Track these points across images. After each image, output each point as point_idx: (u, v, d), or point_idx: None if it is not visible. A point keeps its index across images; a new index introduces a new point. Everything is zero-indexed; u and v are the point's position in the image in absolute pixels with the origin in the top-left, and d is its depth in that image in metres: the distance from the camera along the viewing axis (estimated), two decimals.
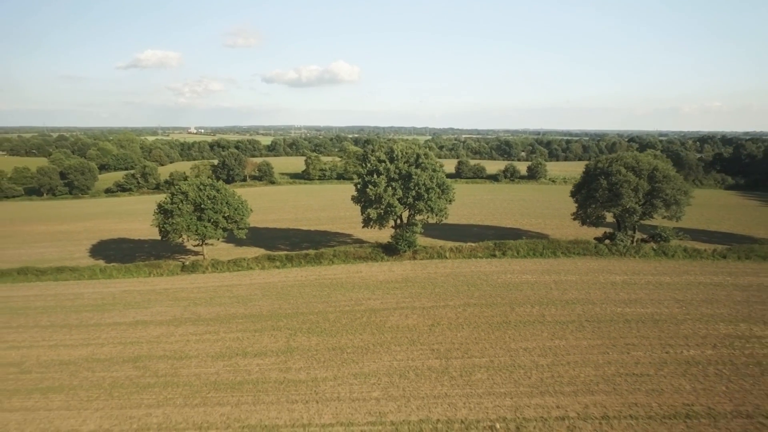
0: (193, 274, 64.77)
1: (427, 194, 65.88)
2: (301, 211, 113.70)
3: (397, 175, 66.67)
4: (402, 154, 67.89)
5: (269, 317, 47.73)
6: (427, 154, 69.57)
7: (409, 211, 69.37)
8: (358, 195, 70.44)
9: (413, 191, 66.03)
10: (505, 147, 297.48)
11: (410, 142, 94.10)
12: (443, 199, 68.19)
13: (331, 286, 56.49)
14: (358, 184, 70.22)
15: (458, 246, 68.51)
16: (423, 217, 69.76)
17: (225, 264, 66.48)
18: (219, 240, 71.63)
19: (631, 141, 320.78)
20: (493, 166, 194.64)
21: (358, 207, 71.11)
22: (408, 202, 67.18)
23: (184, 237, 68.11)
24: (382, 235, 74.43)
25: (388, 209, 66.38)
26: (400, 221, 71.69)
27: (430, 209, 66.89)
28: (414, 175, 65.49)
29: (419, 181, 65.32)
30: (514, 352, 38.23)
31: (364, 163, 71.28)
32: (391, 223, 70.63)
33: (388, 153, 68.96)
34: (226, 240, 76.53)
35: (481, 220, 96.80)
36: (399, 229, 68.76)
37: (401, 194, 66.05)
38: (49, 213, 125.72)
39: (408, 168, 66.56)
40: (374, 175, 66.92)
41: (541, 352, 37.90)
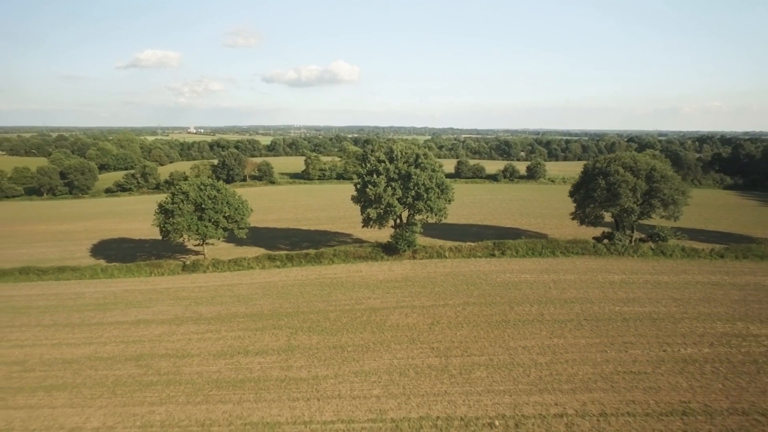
0: (194, 273, 65.10)
1: (426, 194, 66.24)
2: (301, 210, 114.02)
3: (396, 175, 67.03)
4: (401, 154, 68.26)
5: (270, 316, 48.07)
6: (427, 154, 69.96)
7: (408, 210, 69.73)
8: (357, 195, 70.81)
9: (413, 191, 66.39)
10: (504, 147, 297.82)
11: (410, 142, 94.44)
12: (442, 199, 68.57)
13: (331, 285, 56.83)
14: (357, 184, 70.60)
15: (458, 245, 68.87)
16: (422, 217, 70.13)
17: (226, 263, 66.83)
18: (219, 240, 71.96)
19: (630, 141, 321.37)
20: (492, 166, 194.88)
21: (358, 207, 71.48)
22: (407, 202, 67.54)
23: (185, 237, 68.48)
24: (382, 235, 74.77)
25: (387, 209, 66.75)
26: (399, 221, 72.05)
27: (430, 209, 67.26)
28: (413, 175, 65.85)
29: (419, 181, 65.68)
30: (513, 350, 38.60)
31: (364, 163, 71.67)
32: (391, 222, 71.00)
33: (387, 153, 69.32)
34: (227, 240, 76.83)
35: (481, 219, 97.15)
36: (399, 229, 69.11)
37: (401, 194, 66.41)
38: (49, 213, 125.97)
39: (407, 168, 66.91)
40: (374, 175, 67.28)
41: (539, 351, 38.28)
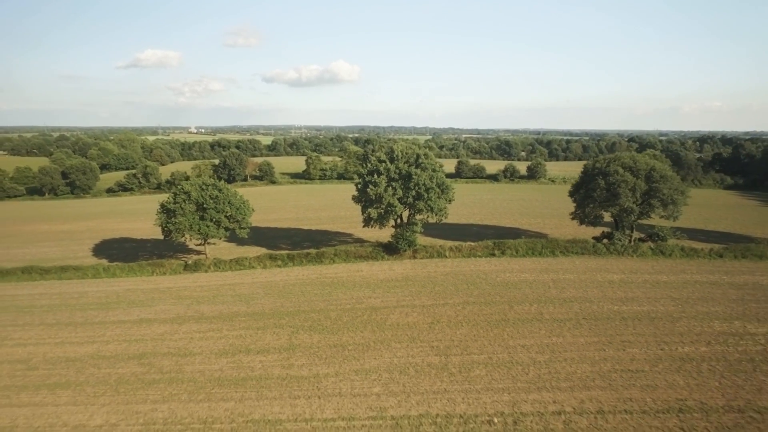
0: (196, 273, 65.48)
1: (426, 194, 66.56)
2: (302, 210, 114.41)
3: (397, 175, 67.36)
4: (402, 155, 68.59)
5: (271, 315, 48.44)
6: (427, 154, 70.29)
7: (409, 210, 70.06)
8: (358, 195, 71.17)
9: (413, 191, 66.72)
10: (505, 147, 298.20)
11: (410, 142, 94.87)
12: (443, 199, 68.89)
13: (332, 284, 57.19)
14: (358, 184, 70.96)
15: (458, 245, 69.21)
16: (423, 217, 70.44)
17: (227, 263, 67.21)
18: (221, 239, 72.34)
19: (631, 141, 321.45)
20: (492, 166, 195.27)
21: (359, 207, 71.85)
22: (408, 202, 67.87)
23: (187, 236, 68.90)
24: (383, 235, 75.11)
25: (388, 209, 67.08)
26: (400, 221, 72.38)
27: (430, 209, 67.58)
28: (414, 175, 66.18)
29: (419, 181, 66.01)
30: (512, 349, 38.94)
31: (365, 163, 72.02)
32: (392, 222, 71.32)
33: (388, 153, 69.65)
34: (228, 239, 77.18)
35: (481, 219, 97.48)
36: (399, 229, 69.42)
37: (401, 194, 66.74)
38: (51, 213, 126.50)
39: (408, 168, 67.25)
40: (375, 175, 67.61)
41: (538, 349, 38.60)
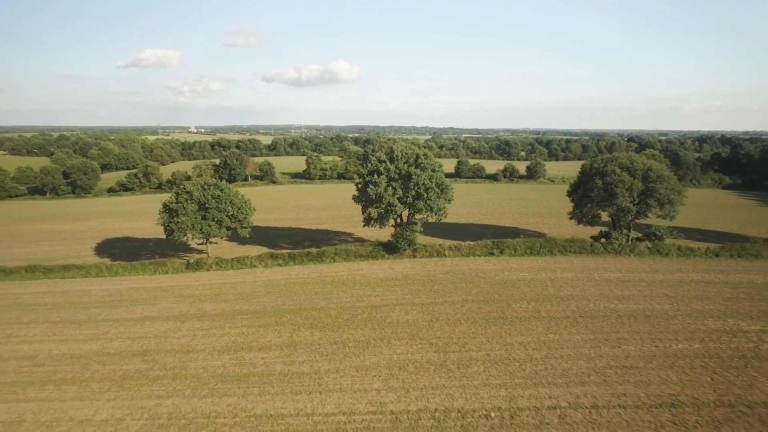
0: (198, 271, 66.16)
1: (426, 194, 67.23)
2: (303, 210, 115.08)
3: (397, 175, 68.04)
4: (402, 155, 69.26)
5: (273, 313, 49.14)
6: (427, 154, 70.95)
7: (408, 210, 70.73)
8: (359, 194, 71.87)
9: (413, 191, 67.40)
10: (504, 147, 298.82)
11: (410, 142, 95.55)
12: (442, 199, 69.57)
13: (332, 283, 57.88)
14: (358, 183, 71.65)
15: (457, 244, 69.91)
16: (423, 216, 71.10)
17: (229, 262, 67.90)
18: (223, 238, 73.06)
19: (630, 141, 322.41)
20: (492, 166, 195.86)
21: (359, 206, 72.54)
22: (408, 202, 68.55)
23: (189, 235, 69.64)
24: (383, 234, 75.78)
25: (388, 208, 67.76)
26: (400, 220, 73.06)
27: (430, 208, 68.25)
28: (414, 175, 66.85)
29: (419, 181, 66.68)
30: (510, 346, 39.64)
31: (365, 163, 72.69)
32: (392, 222, 71.99)
33: (388, 153, 70.32)
34: (230, 239, 77.95)
35: (480, 219, 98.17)
36: (399, 228, 70.11)
37: (401, 194, 67.42)
38: (53, 212, 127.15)
39: (408, 168, 67.92)
40: (375, 175, 68.29)
41: (535, 346, 39.31)
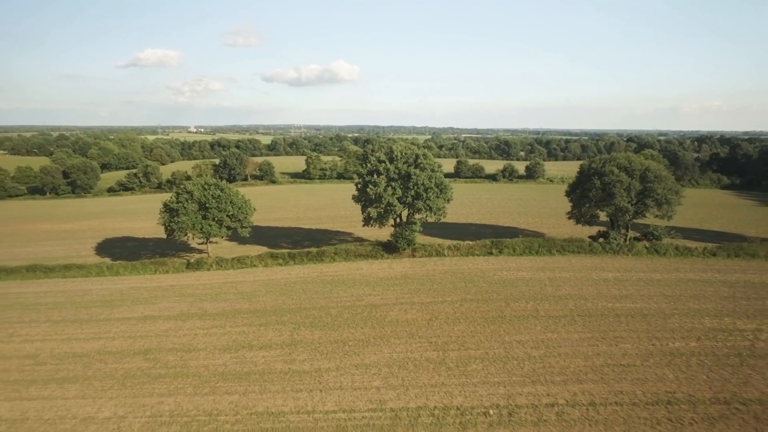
0: (198, 271, 66.46)
1: (425, 194, 67.59)
2: (303, 210, 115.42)
3: (396, 175, 68.39)
4: (401, 155, 69.61)
5: (273, 312, 49.47)
6: (426, 154, 71.31)
7: (408, 210, 71.08)
8: (358, 194, 72.22)
9: (412, 191, 67.76)
10: (504, 147, 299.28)
11: (409, 142, 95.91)
12: (441, 199, 69.92)
13: (332, 282, 58.23)
14: (358, 183, 72.01)
15: (456, 244, 70.27)
16: (422, 216, 71.46)
17: (229, 261, 68.22)
18: (223, 238, 73.38)
19: (629, 141, 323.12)
20: (491, 166, 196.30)
21: (359, 206, 72.89)
22: (407, 202, 68.91)
23: (189, 235, 69.98)
24: (382, 234, 76.11)
25: (387, 208, 68.12)
26: (399, 220, 73.41)
27: (429, 208, 68.61)
28: (413, 175, 67.21)
29: (418, 181, 67.04)
30: (508, 344, 40.00)
31: (365, 163, 73.05)
32: (391, 221, 72.35)
33: (387, 153, 70.67)
34: (230, 238, 78.26)
35: (479, 219, 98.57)
36: (398, 228, 70.46)
37: (401, 194, 67.77)
38: (53, 212, 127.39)
39: (407, 168, 68.28)
40: (374, 175, 68.64)
41: (533, 345, 39.67)
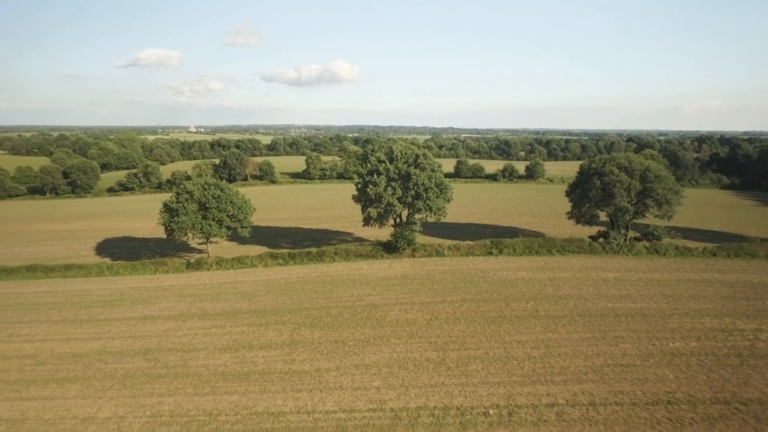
0: (198, 271, 66.46)
1: (425, 194, 67.60)
2: (303, 210, 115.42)
3: (396, 175, 68.40)
4: (401, 155, 69.62)
5: (273, 312, 49.47)
6: (426, 154, 71.32)
7: (408, 210, 71.09)
8: (358, 194, 72.23)
9: (412, 191, 67.76)
10: (504, 147, 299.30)
11: (409, 142, 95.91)
12: (441, 199, 69.93)
13: (332, 282, 58.22)
14: (358, 183, 72.02)
15: (456, 244, 70.27)
16: (422, 216, 71.46)
17: (229, 261, 68.21)
18: (223, 238, 73.38)
19: (629, 141, 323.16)
20: (491, 166, 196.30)
21: (359, 206, 72.89)
22: (407, 202, 68.91)
23: (189, 235, 69.98)
24: (382, 234, 76.11)
25: (387, 208, 68.12)
26: (399, 220, 73.41)
27: (429, 208, 68.61)
28: (413, 175, 67.21)
29: (418, 181, 67.04)
30: (508, 344, 40.00)
31: (365, 164, 73.06)
32: (391, 221, 72.36)
33: (387, 153, 70.68)
34: (230, 238, 78.25)
35: (479, 219, 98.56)
36: (398, 228, 70.46)
37: (401, 194, 67.77)
38: (53, 212, 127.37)
39: (407, 168, 68.28)
40: (374, 175, 68.64)
41: (533, 345, 39.67)
